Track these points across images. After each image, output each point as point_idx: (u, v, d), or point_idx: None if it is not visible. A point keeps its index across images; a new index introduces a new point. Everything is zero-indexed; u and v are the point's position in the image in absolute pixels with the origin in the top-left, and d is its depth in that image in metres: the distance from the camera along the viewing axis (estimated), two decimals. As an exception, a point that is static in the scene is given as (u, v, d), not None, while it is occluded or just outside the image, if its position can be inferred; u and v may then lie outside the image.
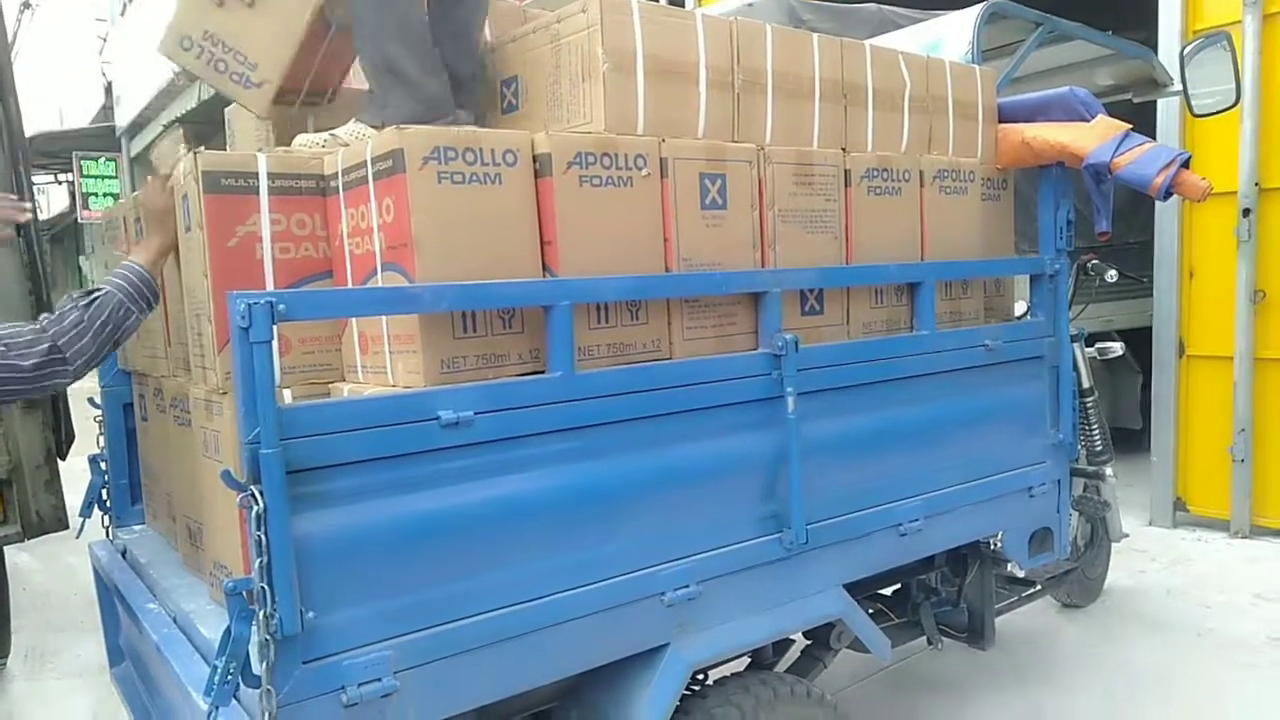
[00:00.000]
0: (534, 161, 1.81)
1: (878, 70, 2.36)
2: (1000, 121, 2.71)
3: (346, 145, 1.99)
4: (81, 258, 20.87)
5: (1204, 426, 4.91)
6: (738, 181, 2.06)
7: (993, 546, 2.81)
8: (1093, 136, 2.54)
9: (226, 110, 2.76)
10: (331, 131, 2.07)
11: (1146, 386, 5.19)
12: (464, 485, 1.66)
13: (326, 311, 1.73)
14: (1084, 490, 3.50)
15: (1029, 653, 3.52)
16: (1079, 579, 3.72)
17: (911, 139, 2.46)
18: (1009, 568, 3.10)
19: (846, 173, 2.27)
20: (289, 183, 1.90)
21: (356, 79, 2.33)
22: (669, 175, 1.95)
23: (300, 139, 2.11)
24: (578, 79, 1.94)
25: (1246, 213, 4.57)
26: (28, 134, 3.25)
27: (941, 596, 2.89)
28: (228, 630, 1.46)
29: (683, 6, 6.83)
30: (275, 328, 1.43)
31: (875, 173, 2.33)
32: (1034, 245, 2.82)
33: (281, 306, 1.44)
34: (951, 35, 2.93)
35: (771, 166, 2.11)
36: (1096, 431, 3.50)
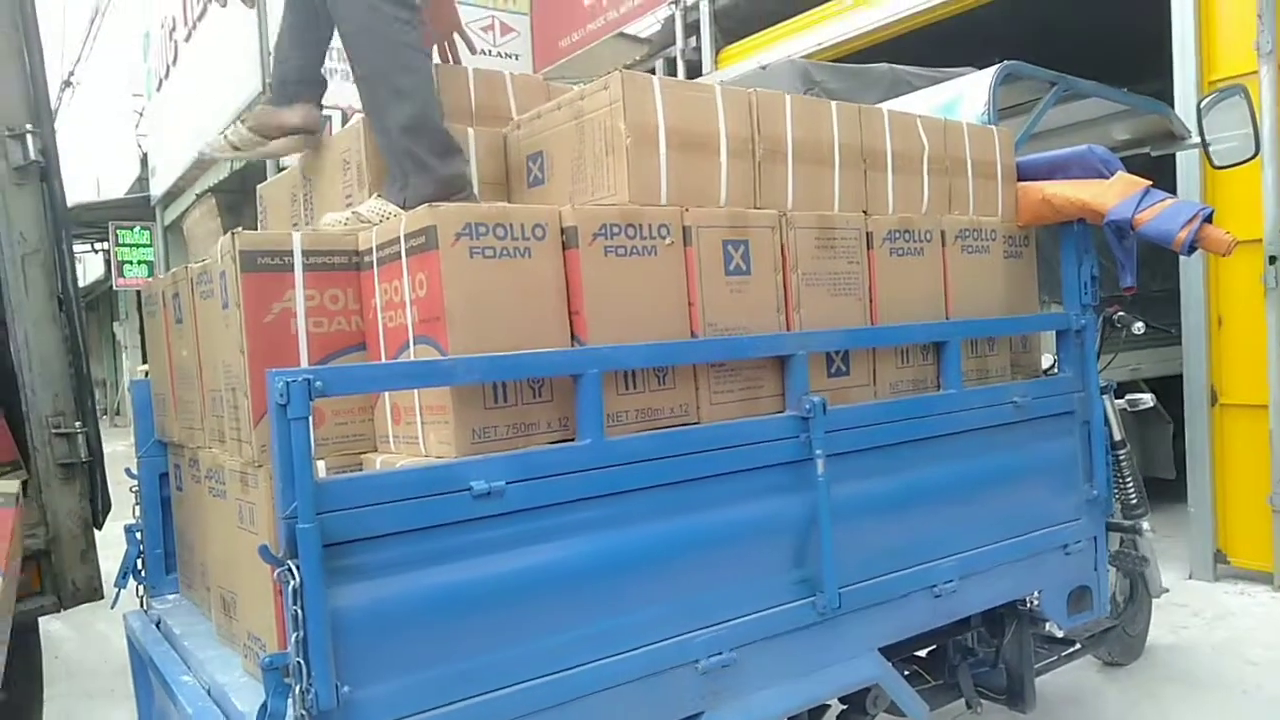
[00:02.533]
0: (561, 234, 1.85)
1: (896, 134, 2.40)
2: (1020, 179, 2.74)
3: (369, 223, 2.05)
4: (115, 324, 21.31)
5: (1242, 476, 4.81)
6: (761, 247, 2.09)
7: (1030, 605, 2.76)
8: (1113, 194, 2.55)
9: (259, 187, 2.85)
10: (354, 210, 2.14)
11: (1179, 435, 5.10)
12: (497, 555, 1.67)
13: (362, 386, 1.76)
14: (1121, 545, 3.44)
15: (1070, 713, 3.43)
16: (1119, 637, 3.63)
17: (932, 200, 2.49)
18: (1047, 627, 3.04)
19: (869, 235, 2.30)
20: (322, 259, 1.95)
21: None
22: (692, 243, 1.98)
23: (327, 217, 2.18)
24: (602, 153, 1.99)
25: (1273, 260, 4.54)
26: (68, 205, 3.34)
27: (979, 657, 2.83)
28: (264, 706, 1.47)
29: (700, 70, 6.98)
30: (311, 404, 1.47)
31: (897, 234, 2.35)
32: (1056, 296, 2.82)
33: (319, 383, 1.47)
34: (968, 95, 2.97)
35: (794, 231, 2.15)
36: (1131, 485, 3.44)
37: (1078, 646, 3.18)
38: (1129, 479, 3.44)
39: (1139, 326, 3.45)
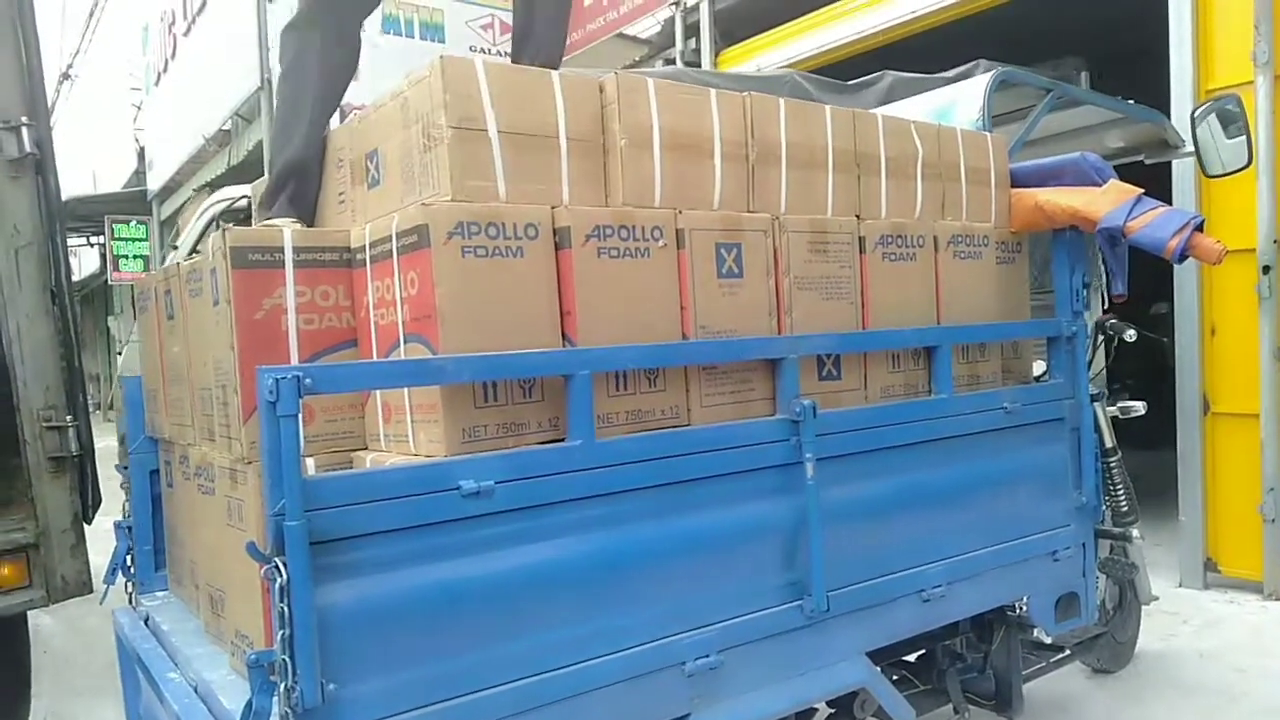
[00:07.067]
0: (554, 234, 1.85)
1: (890, 139, 2.40)
2: (1013, 186, 2.75)
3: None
4: (110, 318, 21.26)
5: (1233, 485, 4.83)
6: (753, 250, 2.09)
7: (1018, 611, 2.77)
8: (1105, 201, 2.56)
9: (254, 185, 2.84)
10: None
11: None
12: (485, 555, 1.67)
13: (352, 384, 1.76)
14: (1111, 552, 3.44)
15: (1058, 720, 3.44)
16: (1108, 643, 3.64)
17: (925, 205, 2.50)
18: (1036, 633, 3.05)
19: (861, 240, 2.30)
20: (313, 256, 1.95)
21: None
22: (685, 246, 1.99)
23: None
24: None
25: (1267, 269, 4.56)
26: (63, 198, 3.34)
27: (967, 663, 2.83)
28: (249, 704, 1.47)
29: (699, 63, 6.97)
30: (301, 401, 1.47)
31: (890, 239, 2.36)
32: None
33: (308, 381, 1.47)
34: (963, 102, 2.98)
35: (786, 235, 2.15)
36: (1121, 492, 3.44)
37: (1066, 653, 3.19)
38: (1119, 486, 3.44)
39: (1131, 334, 3.46)
